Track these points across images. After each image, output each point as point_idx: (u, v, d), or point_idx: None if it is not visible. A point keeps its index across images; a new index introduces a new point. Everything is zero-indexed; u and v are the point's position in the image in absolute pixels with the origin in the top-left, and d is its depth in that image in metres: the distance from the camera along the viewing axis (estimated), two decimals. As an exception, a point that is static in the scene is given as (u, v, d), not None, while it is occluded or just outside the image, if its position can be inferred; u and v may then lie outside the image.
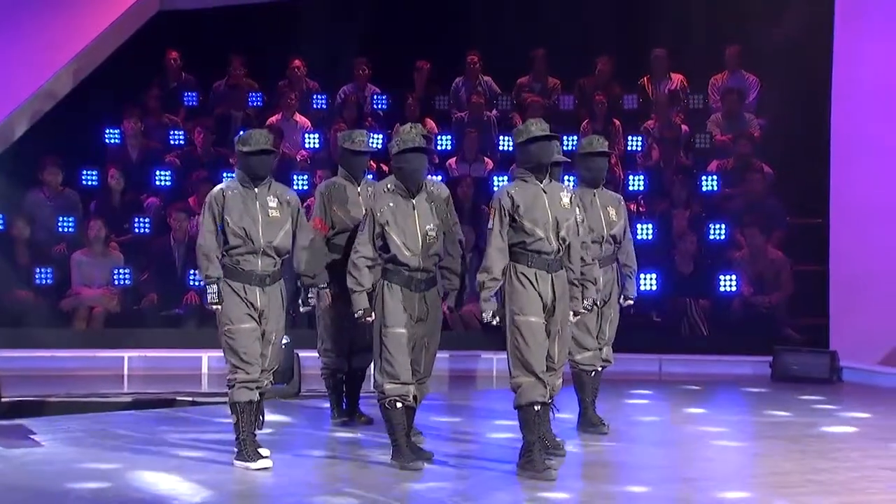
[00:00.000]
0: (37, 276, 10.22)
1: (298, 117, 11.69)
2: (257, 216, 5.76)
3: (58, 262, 10.37)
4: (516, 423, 5.66)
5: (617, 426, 6.87)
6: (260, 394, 5.86)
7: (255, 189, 5.83)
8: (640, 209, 10.65)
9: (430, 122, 11.61)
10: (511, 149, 10.83)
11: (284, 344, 7.81)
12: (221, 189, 5.88)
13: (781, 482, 5.62)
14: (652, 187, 10.76)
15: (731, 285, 9.99)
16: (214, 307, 5.77)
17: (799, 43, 10.54)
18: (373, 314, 5.75)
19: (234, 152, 6.05)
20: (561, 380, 5.69)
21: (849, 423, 7.37)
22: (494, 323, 5.57)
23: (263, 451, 5.82)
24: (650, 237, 10.26)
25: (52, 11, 11.19)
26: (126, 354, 9.63)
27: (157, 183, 11.10)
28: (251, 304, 5.75)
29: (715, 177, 10.70)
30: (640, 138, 11.17)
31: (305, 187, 10.90)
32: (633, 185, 10.74)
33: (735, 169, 10.79)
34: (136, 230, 10.71)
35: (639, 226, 10.18)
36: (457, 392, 8.28)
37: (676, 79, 11.56)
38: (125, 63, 11.60)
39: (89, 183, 11.11)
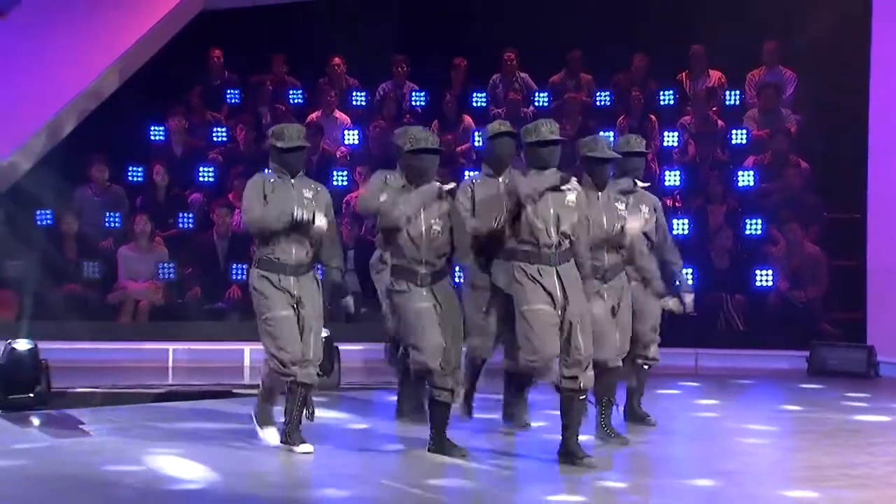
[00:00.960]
0: (84, 270, 10.35)
1: (338, 114, 11.73)
2: (294, 205, 5.78)
3: (105, 257, 10.49)
4: (553, 414, 5.65)
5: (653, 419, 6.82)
6: (309, 385, 5.89)
7: (292, 180, 5.87)
8: (677, 204, 10.58)
9: (468, 119, 11.61)
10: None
11: (324, 337, 7.90)
12: (263, 177, 5.90)
13: (818, 476, 5.57)
14: (688, 183, 10.69)
15: (767, 280, 9.91)
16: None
17: (837, 37, 10.41)
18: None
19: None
20: (592, 373, 5.65)
21: (886, 417, 7.28)
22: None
23: (306, 447, 5.86)
24: (686, 232, 10.19)
25: (98, 12, 11.31)
26: (171, 347, 9.72)
27: (201, 179, 11.20)
28: (288, 292, 5.78)
29: (751, 172, 10.60)
30: (676, 134, 11.10)
31: (345, 183, 10.94)
32: (670, 180, 10.67)
33: (772, 164, 10.69)
34: (181, 225, 10.80)
35: (675, 221, 10.12)
36: (490, 386, 8.25)
37: (715, 76, 11.46)
38: (169, 62, 11.70)
39: (135, 179, 11.23)
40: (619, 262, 6.08)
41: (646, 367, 6.65)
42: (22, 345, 7.31)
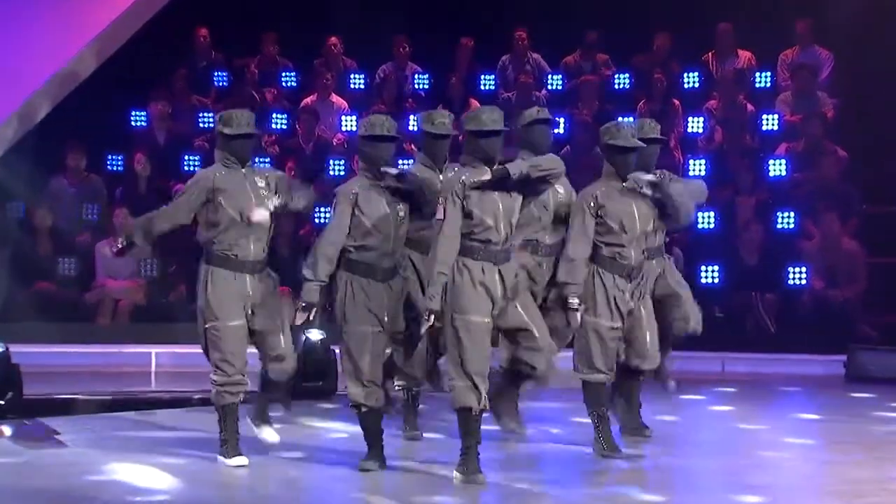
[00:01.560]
0: (60, 267, 10.37)
1: (335, 98, 11.75)
2: (250, 197, 5.80)
3: (81, 253, 10.51)
4: (576, 421, 5.64)
5: (676, 429, 6.84)
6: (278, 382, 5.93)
7: (243, 170, 5.88)
8: (702, 196, 10.58)
9: (475, 104, 11.60)
10: (562, 132, 10.85)
11: (320, 340, 7.91)
12: (211, 172, 5.89)
13: (854, 491, 5.56)
14: (714, 172, 10.69)
15: (800, 278, 9.92)
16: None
17: (876, 14, 10.39)
18: (314, 311, 5.68)
19: (264, 136, 6.06)
20: (555, 356, 5.65)
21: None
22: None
23: (241, 460, 5.87)
24: (712, 226, 10.21)
25: (75, -14, 11.32)
26: (153, 350, 9.75)
27: (186, 168, 11.20)
28: (242, 294, 5.77)
29: (783, 161, 10.61)
30: (701, 119, 11.10)
31: (342, 173, 10.94)
32: (694, 169, 10.67)
33: (805, 152, 10.69)
34: (164, 219, 10.80)
35: (700, 214, 10.11)
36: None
37: (744, 56, 11.45)
38: (152, 41, 11.69)
39: (114, 168, 11.26)
40: (642, 260, 6.12)
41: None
42: (-8, 348, 7.34)
